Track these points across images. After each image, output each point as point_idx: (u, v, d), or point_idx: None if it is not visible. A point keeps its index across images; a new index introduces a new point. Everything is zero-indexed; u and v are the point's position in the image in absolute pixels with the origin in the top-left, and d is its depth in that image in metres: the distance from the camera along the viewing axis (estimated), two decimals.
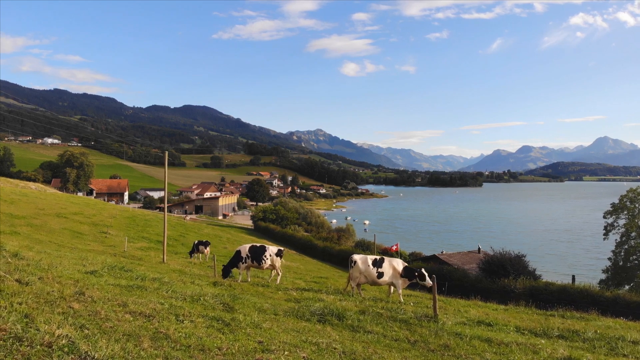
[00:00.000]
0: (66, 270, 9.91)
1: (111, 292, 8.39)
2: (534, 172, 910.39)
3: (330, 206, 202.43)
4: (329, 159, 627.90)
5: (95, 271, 11.23)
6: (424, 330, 9.92)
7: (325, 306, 10.74)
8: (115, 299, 7.77)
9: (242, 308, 9.30)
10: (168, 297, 9.22)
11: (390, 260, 15.96)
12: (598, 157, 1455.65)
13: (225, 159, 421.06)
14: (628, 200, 48.21)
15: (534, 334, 11.06)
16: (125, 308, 7.24)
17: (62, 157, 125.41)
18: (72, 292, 7.53)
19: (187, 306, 8.29)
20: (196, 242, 32.02)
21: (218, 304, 9.33)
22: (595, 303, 24.99)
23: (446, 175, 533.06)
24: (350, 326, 9.66)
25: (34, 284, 7.39)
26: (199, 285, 12.14)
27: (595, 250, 79.64)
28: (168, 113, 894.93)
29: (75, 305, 6.64)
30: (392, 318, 10.75)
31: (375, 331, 9.45)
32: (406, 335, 9.37)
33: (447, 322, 10.92)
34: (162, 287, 10.27)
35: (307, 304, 11.30)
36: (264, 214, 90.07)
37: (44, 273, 8.44)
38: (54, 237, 29.11)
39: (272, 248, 18.28)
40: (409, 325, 10.30)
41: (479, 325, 11.41)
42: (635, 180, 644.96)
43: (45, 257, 11.29)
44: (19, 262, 9.06)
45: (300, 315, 10.02)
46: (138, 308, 7.39)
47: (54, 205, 50.05)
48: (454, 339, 9.47)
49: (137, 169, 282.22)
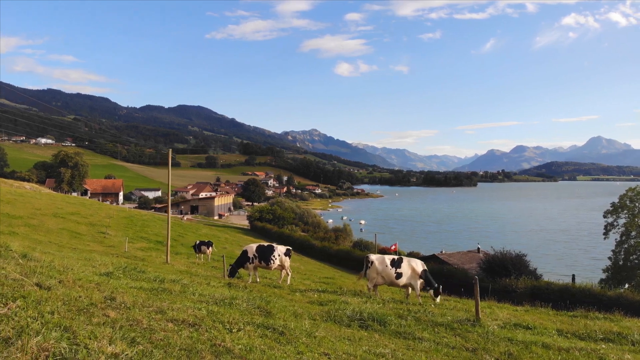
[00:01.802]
0: (82, 272, 9.47)
1: (140, 297, 7.92)
2: (528, 171, 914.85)
3: (326, 206, 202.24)
4: (324, 159, 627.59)
5: (110, 272, 10.81)
6: (475, 336, 9.52)
7: (360, 310, 10.31)
8: (148, 304, 7.27)
9: (279, 313, 8.83)
10: (198, 301, 8.75)
11: (409, 261, 15.54)
12: (592, 157, 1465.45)
13: (220, 159, 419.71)
14: (628, 199, 48.26)
15: (578, 337, 10.70)
16: (164, 315, 6.71)
17: (57, 157, 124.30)
18: (101, 297, 7.02)
19: (225, 312, 7.84)
20: (198, 242, 31.76)
21: (253, 309, 8.88)
22: (597, 302, 24.96)
23: (441, 175, 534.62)
24: (396, 332, 9.24)
25: (55, 289, 6.85)
26: (214, 287, 11.72)
27: (593, 250, 79.86)
28: (162, 113, 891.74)
29: (111, 314, 6.09)
30: (433, 322, 10.34)
31: (425, 338, 9.04)
32: (461, 343, 8.96)
33: (491, 326, 10.50)
34: (187, 290, 9.85)
35: (335, 308, 10.85)
36: (260, 214, 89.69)
37: (62, 276, 7.93)
38: (53, 237, 28.79)
39: (280, 248, 17.85)
40: (454, 330, 9.90)
41: (517, 328, 11.05)
42: (628, 179, 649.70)
43: (55, 258, 10.95)
44: (30, 263, 8.60)
45: (338, 321, 9.61)
46: (178, 315, 6.85)
47: (50, 205, 49.58)
48: (511, 345, 9.08)
49: (131, 169, 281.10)
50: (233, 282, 14.96)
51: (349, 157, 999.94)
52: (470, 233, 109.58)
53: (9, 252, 9.57)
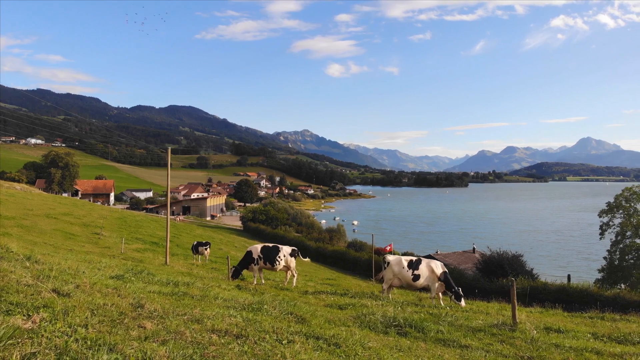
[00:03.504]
0: (94, 275, 8.96)
1: (165, 303, 7.30)
2: (519, 172, 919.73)
3: (319, 206, 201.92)
4: (316, 159, 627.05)
5: (121, 276, 10.27)
6: (522, 343, 9.07)
7: (393, 316, 9.84)
8: (178, 311, 6.67)
9: (312, 319, 8.41)
10: (225, 306, 8.25)
11: (428, 262, 15.02)
12: (581, 158, 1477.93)
13: (212, 159, 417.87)
14: (624, 199, 48.38)
15: (615, 341, 10.33)
16: (202, 325, 6.16)
17: (47, 158, 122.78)
18: (128, 304, 6.40)
19: (260, 319, 7.34)
20: (195, 243, 31.45)
21: (286, 315, 8.36)
22: (594, 302, 25.00)
23: (432, 176, 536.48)
24: (439, 340, 8.72)
25: (75, 295, 6.25)
26: (226, 289, 11.34)
27: (586, 251, 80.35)
28: (153, 113, 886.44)
29: (147, 325, 5.52)
30: (469, 328, 9.94)
31: (473, 346, 8.50)
32: (513, 351, 8.40)
33: (531, 331, 10.09)
34: (207, 294, 9.35)
35: (364, 312, 10.41)
36: (253, 215, 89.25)
37: (77, 280, 7.36)
38: (47, 238, 28.36)
39: (285, 248, 17.38)
40: (496, 336, 9.43)
41: (549, 332, 10.71)
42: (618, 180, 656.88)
43: (61, 261, 10.59)
44: (37, 266, 8.03)
45: (372, 327, 9.09)
46: (216, 324, 6.30)
47: (42, 206, 48.97)
48: (564, 352, 8.68)
49: (122, 169, 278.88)
50: (241, 285, 14.65)
51: (340, 157, 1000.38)
52: (463, 234, 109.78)
53: (10, 254, 9.23)
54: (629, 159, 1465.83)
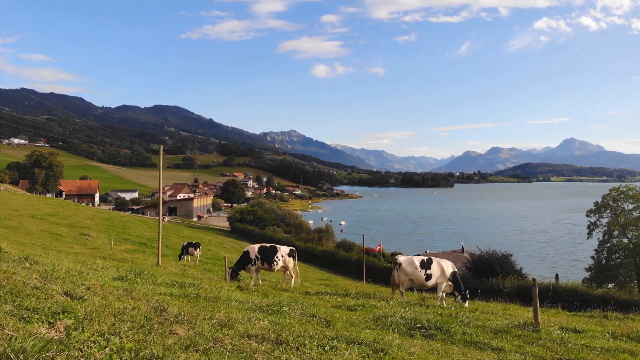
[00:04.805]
0: (99, 276, 8.62)
1: (183, 306, 6.94)
2: (504, 172, 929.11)
3: (307, 207, 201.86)
4: (304, 159, 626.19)
5: (124, 277, 9.88)
6: (551, 344, 8.74)
7: (414, 318, 9.50)
8: (205, 315, 6.30)
9: (337, 322, 8.07)
10: (243, 309, 7.96)
11: (438, 262, 14.76)
12: (565, 158, 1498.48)
13: (198, 159, 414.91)
14: (611, 199, 48.85)
15: (636, 340, 10.00)
16: (234, 330, 5.83)
17: (31, 158, 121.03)
18: (149, 308, 6.02)
19: (287, 322, 7.07)
20: (185, 244, 31.17)
21: (309, 318, 8.12)
22: (584, 301, 25.29)
23: (418, 176, 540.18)
24: (469, 342, 8.31)
25: (89, 298, 5.85)
26: (228, 290, 11.11)
27: (572, 251, 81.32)
28: (138, 113, 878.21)
29: (179, 331, 5.12)
30: (493, 329, 9.61)
31: (507, 349, 8.13)
32: (551, 355, 7.99)
33: (554, 331, 9.88)
34: (220, 296, 9.04)
35: (378, 314, 10.10)
36: (241, 216, 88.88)
37: (85, 281, 6.93)
38: (34, 239, 27.86)
39: (283, 248, 17.10)
40: (524, 338, 9.07)
41: (567, 332, 10.33)
42: (601, 180, 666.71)
43: (59, 262, 10.34)
44: (37, 267, 7.59)
45: (395, 329, 8.61)
46: (250, 329, 6.00)
47: (27, 206, 48.19)
48: (600, 354, 8.40)
49: (107, 169, 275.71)
50: (242, 285, 14.44)
51: (328, 158, 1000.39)
52: (449, 234, 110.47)
53: (5, 255, 8.99)
54: (612, 160, 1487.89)
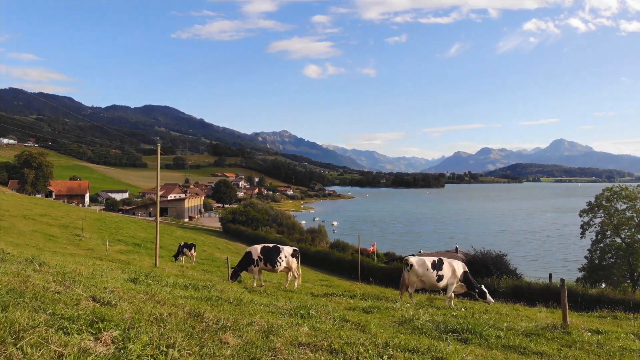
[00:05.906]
0: (112, 278, 8.29)
1: (212, 311, 6.56)
2: (494, 173, 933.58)
3: (299, 207, 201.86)
4: (295, 160, 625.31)
5: (136, 279, 9.56)
6: (591, 347, 8.46)
7: (443, 321, 9.24)
8: (245, 321, 5.94)
9: (369, 326, 7.71)
10: (270, 312, 7.68)
11: (450, 262, 14.55)
12: (555, 159, 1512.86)
13: (189, 159, 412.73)
14: (604, 199, 49.34)
15: None
16: (280, 337, 5.51)
17: (20, 158, 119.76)
18: (185, 314, 5.64)
19: (327, 328, 6.72)
20: (182, 245, 31.07)
21: (341, 322, 7.78)
22: (579, 301, 25.54)
23: (410, 177, 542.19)
24: (507, 347, 7.96)
25: (118, 304, 5.49)
26: (237, 292, 10.97)
27: (563, 251, 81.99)
28: (128, 113, 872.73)
29: (229, 340, 4.83)
30: (524, 332, 9.30)
31: (547, 352, 7.79)
32: (592, 358, 7.76)
33: (584, 333, 9.67)
34: (243, 299, 8.71)
35: (404, 316, 9.85)
36: (233, 216, 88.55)
37: (105, 285, 6.61)
38: (27, 240, 27.61)
39: (287, 249, 16.87)
40: (558, 341, 8.88)
41: (593, 334, 10.05)
42: (590, 181, 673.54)
43: (65, 263, 10.22)
44: (48, 269, 7.26)
45: (426, 333, 8.31)
46: (296, 336, 5.70)
47: (17, 207, 47.75)
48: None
49: (97, 170, 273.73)
50: (249, 286, 14.33)
51: (319, 158, 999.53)
52: (440, 235, 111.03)
53: (9, 256, 8.87)
54: (601, 160, 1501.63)
